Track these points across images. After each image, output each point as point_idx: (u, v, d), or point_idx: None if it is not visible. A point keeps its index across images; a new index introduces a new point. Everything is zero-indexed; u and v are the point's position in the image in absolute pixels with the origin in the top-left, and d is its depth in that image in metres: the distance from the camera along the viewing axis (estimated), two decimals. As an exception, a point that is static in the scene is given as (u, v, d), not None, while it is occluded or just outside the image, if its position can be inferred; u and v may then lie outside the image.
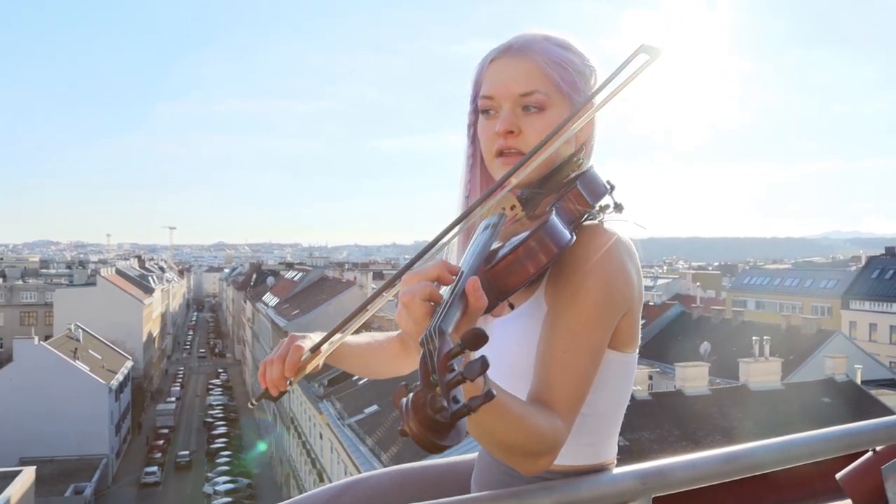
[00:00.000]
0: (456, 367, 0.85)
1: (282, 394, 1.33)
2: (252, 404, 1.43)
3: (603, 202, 1.28)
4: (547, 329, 1.20)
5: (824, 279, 60.33)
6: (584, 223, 1.25)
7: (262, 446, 46.26)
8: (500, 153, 1.29)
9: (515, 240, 1.14)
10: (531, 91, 1.26)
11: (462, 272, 1.04)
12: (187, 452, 55.00)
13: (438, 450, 0.83)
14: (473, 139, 1.38)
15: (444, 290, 1.02)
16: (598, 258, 1.20)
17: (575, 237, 1.18)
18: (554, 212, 1.17)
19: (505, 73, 1.29)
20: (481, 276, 1.05)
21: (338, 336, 1.30)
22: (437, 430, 0.83)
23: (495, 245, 1.17)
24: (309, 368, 1.31)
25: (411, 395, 0.84)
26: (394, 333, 1.62)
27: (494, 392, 0.83)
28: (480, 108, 1.33)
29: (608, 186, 1.29)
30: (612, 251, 1.21)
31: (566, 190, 1.25)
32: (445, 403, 0.82)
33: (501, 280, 1.11)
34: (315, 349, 1.32)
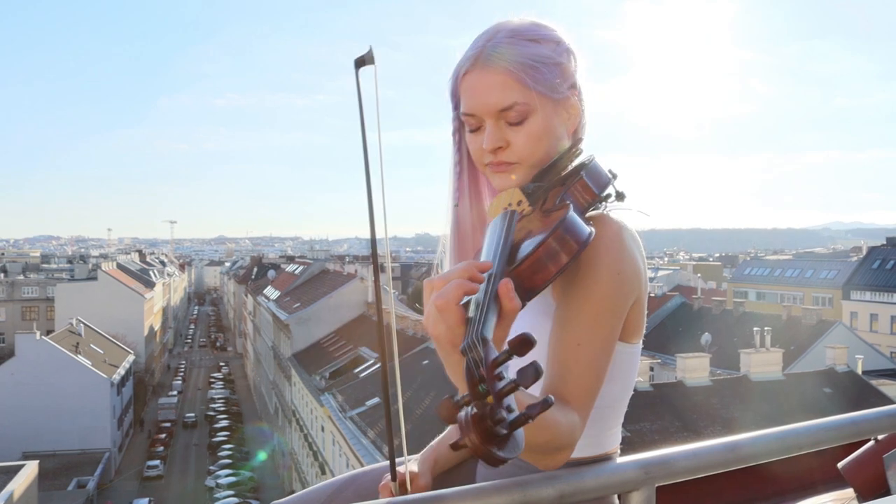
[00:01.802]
0: (504, 375, 0.83)
1: None
2: None
3: (606, 191, 1.27)
4: (559, 322, 1.18)
5: (825, 270, 60.28)
6: (590, 213, 1.24)
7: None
8: (490, 164, 1.28)
9: (536, 238, 1.12)
10: (510, 105, 1.23)
11: (491, 274, 1.02)
12: (193, 414, 58.32)
13: (499, 462, 0.80)
14: (459, 146, 1.36)
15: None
16: (607, 248, 1.18)
17: (594, 231, 1.16)
18: (570, 207, 1.16)
19: (480, 90, 1.25)
20: (506, 275, 1.04)
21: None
22: (497, 443, 0.80)
23: (510, 243, 1.15)
24: (411, 483, 1.37)
25: (469, 408, 0.82)
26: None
27: (552, 399, 0.81)
28: (464, 123, 1.31)
29: (611, 175, 1.29)
30: (621, 240, 1.20)
31: (572, 181, 1.24)
32: (504, 414, 0.80)
33: (527, 280, 1.09)
34: (394, 476, 1.36)
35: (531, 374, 0.80)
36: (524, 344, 0.83)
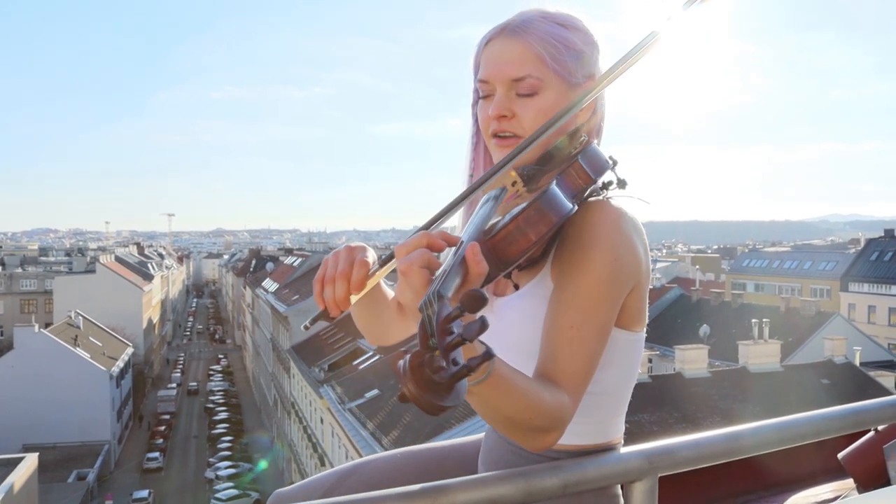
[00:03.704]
0: (455, 330, 0.84)
1: (342, 314, 1.22)
2: (306, 327, 1.32)
3: (606, 178, 1.27)
4: (553, 304, 1.19)
5: (823, 262, 60.35)
6: (590, 199, 1.24)
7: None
8: (495, 135, 1.29)
9: (515, 210, 1.13)
10: (523, 76, 1.25)
11: (461, 241, 1.04)
12: (196, 383, 60.77)
13: (438, 410, 0.82)
14: (477, 119, 1.37)
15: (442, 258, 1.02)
16: (605, 233, 1.19)
17: (576, 208, 1.16)
18: (555, 182, 1.17)
19: (499, 57, 1.27)
20: (481, 245, 1.04)
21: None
22: (435, 391, 0.81)
23: (495, 219, 1.16)
24: (369, 287, 1.21)
25: (408, 356, 0.84)
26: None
27: (493, 352, 0.82)
28: (479, 91, 1.32)
29: (610, 162, 1.28)
30: (619, 226, 1.20)
31: (568, 164, 1.24)
32: (444, 364, 0.81)
33: (501, 250, 1.10)
34: (381, 265, 1.22)
35: (476, 327, 0.81)
36: (475, 300, 0.84)
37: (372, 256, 1.23)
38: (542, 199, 1.12)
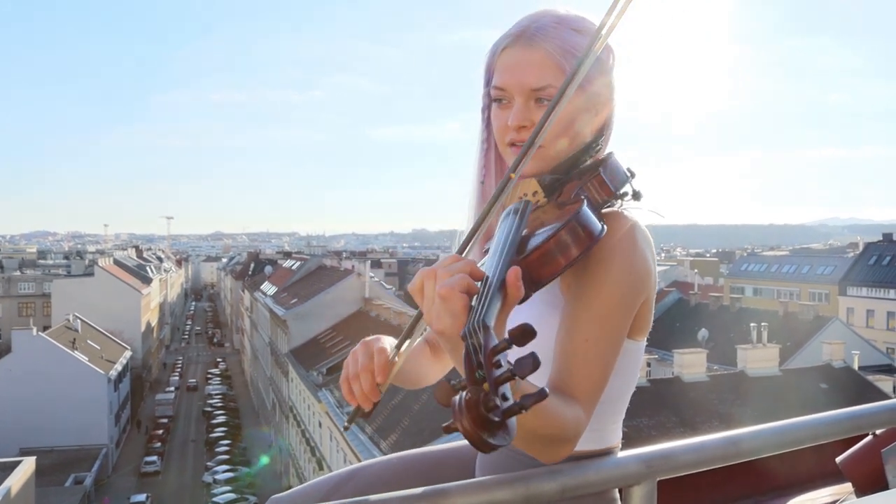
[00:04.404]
0: (503, 363, 0.83)
1: (375, 406, 1.25)
2: (346, 427, 1.38)
3: (623, 189, 1.26)
4: (568, 317, 1.18)
5: (822, 266, 60.42)
6: (605, 210, 1.24)
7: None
8: (513, 144, 1.28)
9: (548, 229, 1.12)
10: (543, 86, 1.24)
11: (496, 263, 1.02)
12: (195, 380, 61.58)
13: (490, 448, 0.81)
14: (488, 123, 1.36)
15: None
16: (620, 247, 1.19)
17: (605, 228, 1.16)
18: (585, 202, 1.16)
19: (516, 66, 1.26)
20: (515, 265, 1.03)
21: (416, 335, 1.24)
22: (490, 429, 0.81)
23: (523, 233, 1.14)
24: (394, 371, 1.24)
25: (464, 393, 0.82)
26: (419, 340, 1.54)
27: (546, 391, 0.82)
28: (493, 97, 1.31)
29: (629, 174, 1.28)
30: (635, 239, 1.21)
31: (590, 177, 1.23)
32: (497, 402, 0.80)
33: (535, 271, 1.09)
34: (398, 346, 1.26)
35: (528, 364, 0.80)
36: (525, 335, 0.83)
37: (388, 342, 1.28)
38: (576, 220, 1.11)
